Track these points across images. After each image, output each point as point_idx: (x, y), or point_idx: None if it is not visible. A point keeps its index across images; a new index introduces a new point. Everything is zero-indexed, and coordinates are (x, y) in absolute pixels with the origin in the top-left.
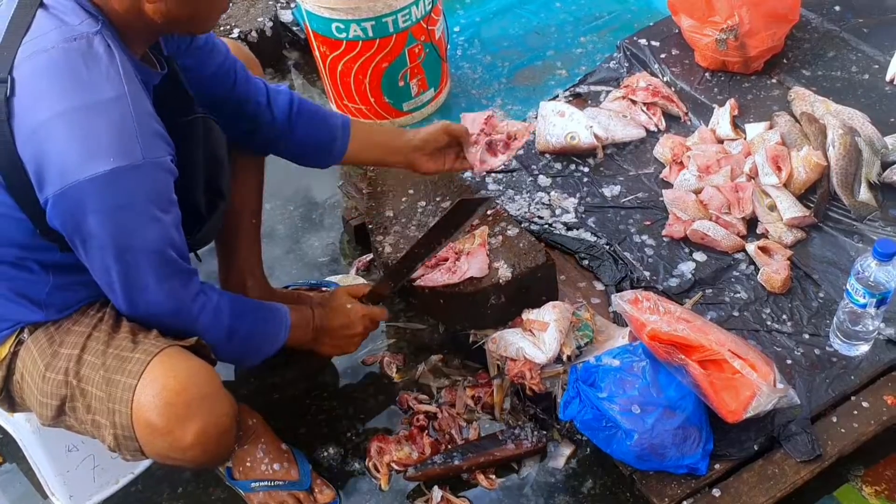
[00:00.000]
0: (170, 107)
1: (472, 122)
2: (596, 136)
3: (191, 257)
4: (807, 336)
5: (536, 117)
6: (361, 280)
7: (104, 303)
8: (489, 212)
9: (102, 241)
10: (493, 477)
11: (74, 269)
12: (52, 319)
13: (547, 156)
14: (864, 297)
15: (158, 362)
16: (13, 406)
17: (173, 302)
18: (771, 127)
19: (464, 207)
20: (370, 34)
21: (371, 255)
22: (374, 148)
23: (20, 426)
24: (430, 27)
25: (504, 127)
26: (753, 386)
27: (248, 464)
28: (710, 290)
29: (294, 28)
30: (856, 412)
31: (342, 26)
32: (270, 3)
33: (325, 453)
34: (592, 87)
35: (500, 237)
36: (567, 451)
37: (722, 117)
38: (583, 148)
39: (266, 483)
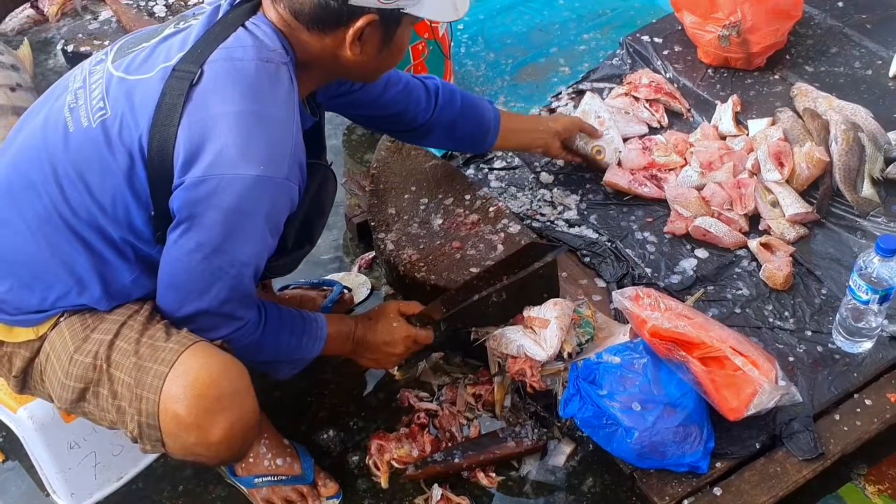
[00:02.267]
0: (305, 147)
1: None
2: (620, 162)
3: None
4: (809, 333)
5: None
6: (364, 278)
7: (143, 298)
8: (491, 209)
9: (206, 236)
10: (494, 475)
11: (155, 272)
12: (102, 309)
13: None
14: (867, 294)
15: (191, 353)
16: (24, 388)
17: (222, 313)
18: (773, 123)
19: (531, 250)
20: None
21: (373, 253)
22: (518, 135)
23: (22, 423)
24: (433, 24)
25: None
26: (755, 383)
27: (250, 459)
28: (712, 287)
29: None
30: (858, 410)
31: None
32: None
33: (325, 435)
34: (595, 84)
35: (502, 234)
36: (567, 449)
37: (724, 114)
38: (601, 167)
39: (269, 478)
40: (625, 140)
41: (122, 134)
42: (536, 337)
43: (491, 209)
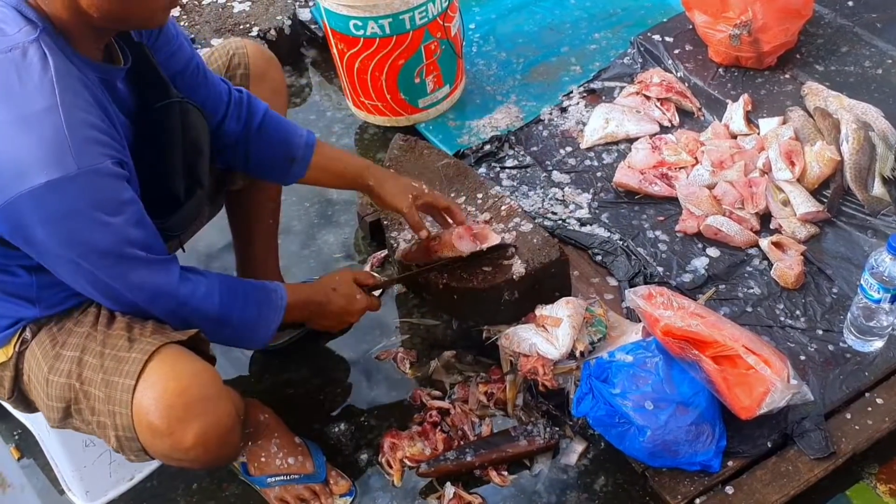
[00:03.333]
0: (145, 92)
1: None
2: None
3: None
4: (820, 332)
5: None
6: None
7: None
8: (503, 207)
9: (55, 251)
10: (506, 473)
11: (47, 270)
12: (48, 314)
13: (561, 151)
14: (879, 293)
15: (159, 363)
16: (29, 406)
17: (148, 292)
18: (784, 122)
19: (497, 249)
20: (387, 31)
21: (386, 251)
22: (331, 177)
23: (38, 422)
24: (446, 24)
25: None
26: (767, 382)
27: (262, 459)
28: (724, 286)
29: (312, 26)
30: (870, 409)
31: (360, 23)
32: (289, 1)
33: (337, 431)
34: (606, 83)
35: (514, 233)
36: (580, 447)
37: (735, 112)
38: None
39: (282, 477)
40: (635, 139)
41: None
42: (548, 335)
43: (503, 208)
